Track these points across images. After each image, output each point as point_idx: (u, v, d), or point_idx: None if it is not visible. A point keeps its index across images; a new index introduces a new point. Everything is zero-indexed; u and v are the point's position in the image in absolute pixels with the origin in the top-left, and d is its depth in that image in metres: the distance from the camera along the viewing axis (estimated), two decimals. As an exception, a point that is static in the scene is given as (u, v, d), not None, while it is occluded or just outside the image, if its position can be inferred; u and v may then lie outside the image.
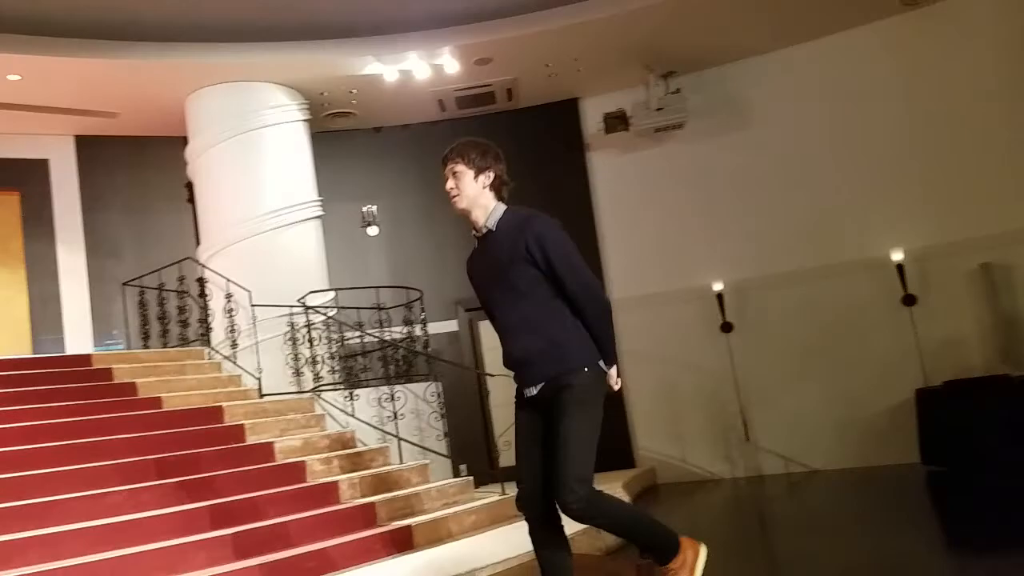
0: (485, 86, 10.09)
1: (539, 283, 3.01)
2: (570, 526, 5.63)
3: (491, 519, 6.28)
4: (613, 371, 3.14)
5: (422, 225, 10.35)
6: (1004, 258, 8.70)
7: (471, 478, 7.06)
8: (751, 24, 9.25)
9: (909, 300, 9.04)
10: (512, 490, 6.78)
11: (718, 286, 9.95)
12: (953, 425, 7.91)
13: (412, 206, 10.29)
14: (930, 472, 7.99)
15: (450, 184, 3.12)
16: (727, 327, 9.85)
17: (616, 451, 9.96)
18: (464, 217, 3.17)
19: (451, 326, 10.27)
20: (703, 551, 3.07)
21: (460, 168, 3.09)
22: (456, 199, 3.12)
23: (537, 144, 10.60)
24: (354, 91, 9.64)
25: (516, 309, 3.07)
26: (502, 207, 3.14)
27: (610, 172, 10.64)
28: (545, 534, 3.11)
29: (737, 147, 10.01)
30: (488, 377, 8.19)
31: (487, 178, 3.09)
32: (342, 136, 10.24)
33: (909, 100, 9.30)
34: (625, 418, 10.17)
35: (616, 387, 3.18)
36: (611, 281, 10.37)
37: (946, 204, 9.00)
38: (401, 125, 10.67)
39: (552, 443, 2.95)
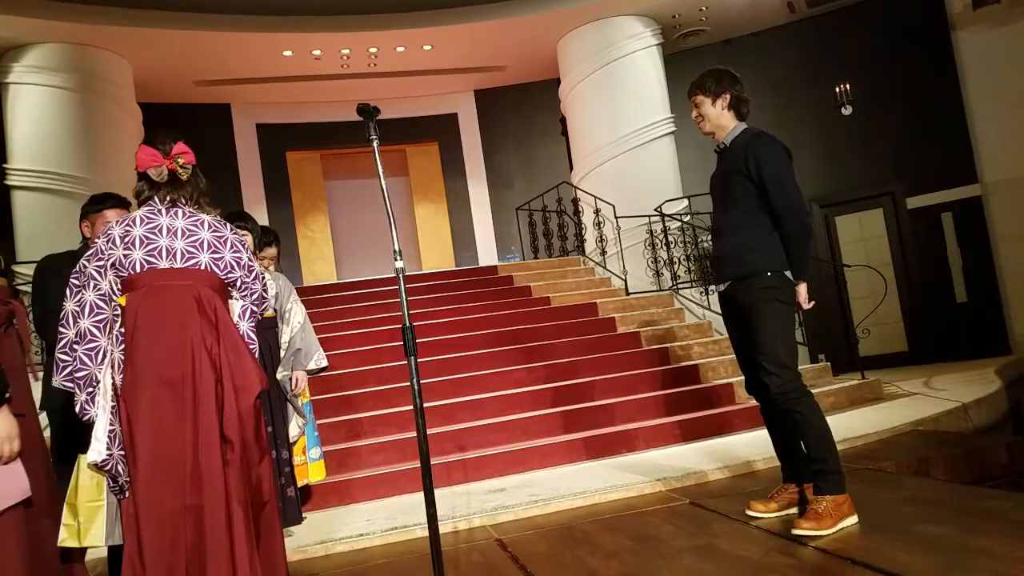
0: (838, -21, 9.26)
1: (750, 195, 3.08)
2: (934, 406, 5.38)
3: (850, 401, 6.16)
4: (803, 288, 3.09)
5: (771, 127, 9.87)
6: None
7: (828, 364, 6.88)
8: None
9: None
10: (870, 375, 6.54)
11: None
12: None
13: (761, 112, 9.90)
14: None
15: (694, 114, 3.28)
16: None
17: (989, 338, 8.92)
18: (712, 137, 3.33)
19: (804, 223, 9.85)
20: (855, 518, 2.88)
21: (700, 98, 3.24)
22: (701, 125, 3.28)
23: (895, 31, 9.60)
24: (704, 8, 9.50)
25: (727, 214, 3.18)
26: (741, 127, 3.22)
27: (980, 50, 9.20)
28: (772, 416, 3.20)
29: None
30: (846, 268, 7.75)
31: (724, 101, 3.21)
32: (692, 54, 10.20)
33: None
34: (999, 304, 9.01)
35: (805, 305, 3.10)
36: (983, 163, 9.09)
37: None
38: (751, 34, 10.29)
39: (748, 337, 3.08)
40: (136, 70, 8.84)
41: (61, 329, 2.29)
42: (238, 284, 2.42)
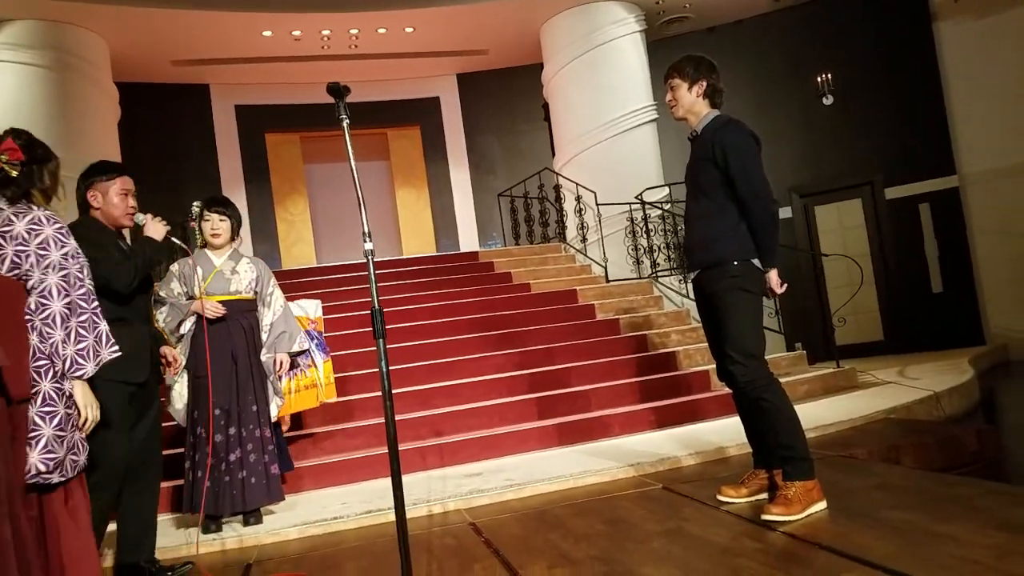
0: (819, -32, 9.28)
1: (719, 183, 3.09)
2: (906, 395, 5.43)
3: (824, 389, 6.21)
4: (773, 274, 3.12)
5: (752, 116, 9.95)
6: None
7: (803, 352, 6.94)
8: None
9: None
10: (846, 364, 6.60)
11: (1099, 152, 8.28)
12: None
13: (743, 100, 9.97)
14: None
15: (668, 96, 3.27)
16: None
17: (963, 329, 9.07)
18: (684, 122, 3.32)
19: (784, 212, 9.88)
20: (824, 504, 2.93)
21: (676, 82, 3.23)
22: (674, 108, 3.27)
23: (877, 22, 9.62)
24: (689, -7, 9.48)
25: (697, 203, 3.20)
26: (713, 114, 3.22)
27: (962, 40, 9.28)
28: (741, 403, 3.22)
29: None
30: (824, 258, 7.80)
31: (700, 88, 3.20)
32: (676, 41, 10.18)
33: None
34: (974, 295, 9.14)
35: (778, 290, 3.13)
36: (962, 154, 9.18)
37: None
38: (734, 22, 10.29)
39: (716, 324, 3.12)
40: (113, 48, 8.68)
41: None
42: (26, 279, 2.28)
